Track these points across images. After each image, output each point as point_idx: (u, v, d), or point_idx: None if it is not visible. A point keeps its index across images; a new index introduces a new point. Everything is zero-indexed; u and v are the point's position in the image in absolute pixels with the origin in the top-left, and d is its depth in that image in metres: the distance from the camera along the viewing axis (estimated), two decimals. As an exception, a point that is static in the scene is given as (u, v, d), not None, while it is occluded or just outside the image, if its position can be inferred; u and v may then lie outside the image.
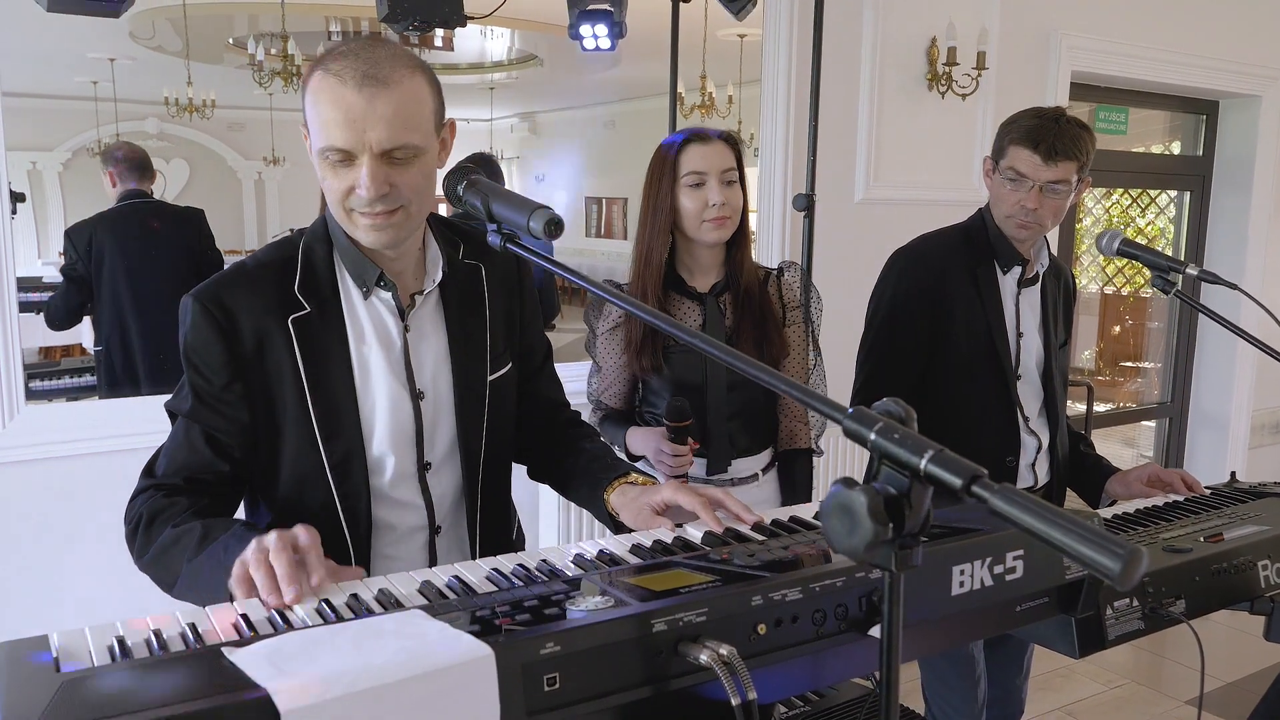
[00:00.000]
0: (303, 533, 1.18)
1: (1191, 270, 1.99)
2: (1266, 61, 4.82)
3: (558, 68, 5.93)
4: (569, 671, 0.92)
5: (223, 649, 0.91)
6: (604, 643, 0.94)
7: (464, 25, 3.15)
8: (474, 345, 1.54)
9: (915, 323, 2.17)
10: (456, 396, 1.52)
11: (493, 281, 1.58)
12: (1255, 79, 4.81)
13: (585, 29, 3.13)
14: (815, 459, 2.29)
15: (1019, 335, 2.21)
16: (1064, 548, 0.70)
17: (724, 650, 0.96)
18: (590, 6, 3.26)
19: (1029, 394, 2.24)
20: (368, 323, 1.46)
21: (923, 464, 0.79)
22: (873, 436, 0.83)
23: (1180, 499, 2.06)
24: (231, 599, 1.17)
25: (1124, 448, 6.31)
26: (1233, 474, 2.22)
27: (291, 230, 1.55)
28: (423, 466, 1.50)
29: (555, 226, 1.23)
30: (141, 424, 2.76)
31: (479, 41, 5.52)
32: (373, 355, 1.46)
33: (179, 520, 1.33)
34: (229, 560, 1.19)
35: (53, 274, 4.01)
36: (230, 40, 5.78)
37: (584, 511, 3.27)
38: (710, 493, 1.40)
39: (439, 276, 1.50)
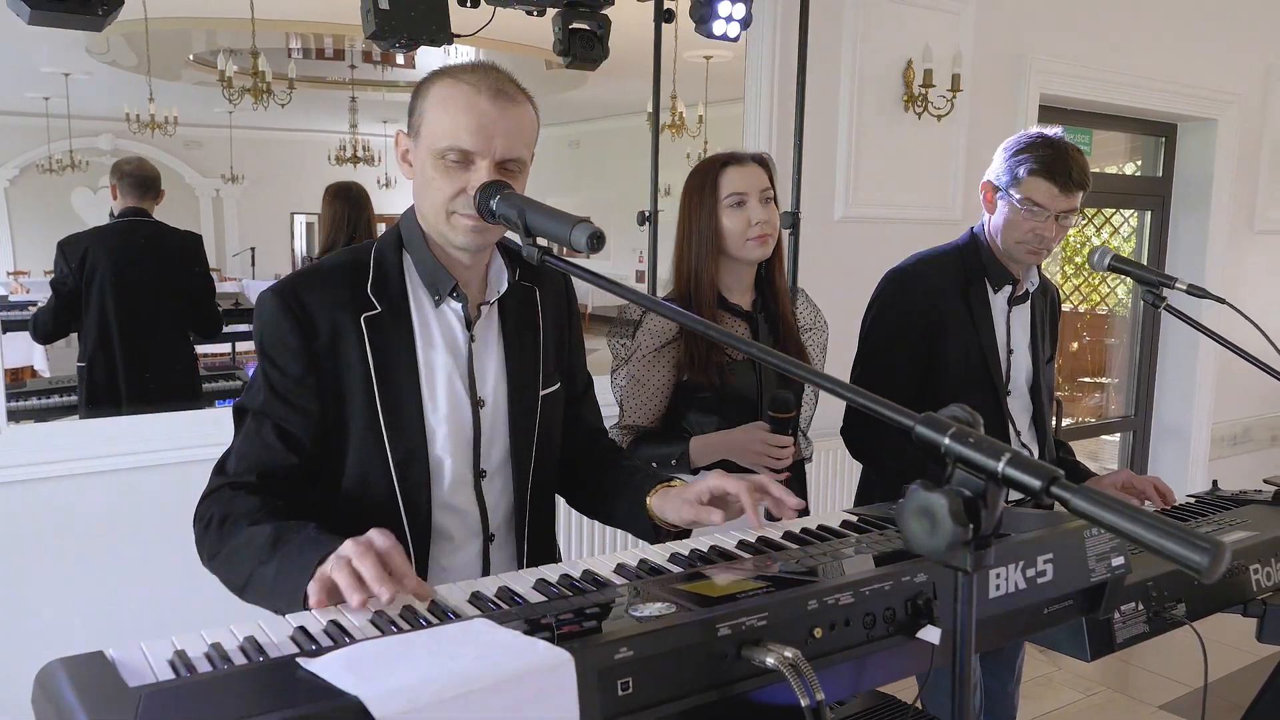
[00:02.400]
0: (379, 536, 1.19)
1: (1181, 285, 2.05)
2: (1222, 87, 4.97)
3: (526, 86, 5.90)
4: (641, 676, 0.94)
5: (297, 660, 0.91)
6: (673, 647, 0.96)
7: (450, 43, 3.15)
8: (528, 360, 1.59)
9: (911, 340, 2.21)
10: (511, 407, 1.56)
11: (546, 305, 1.64)
12: (1211, 103, 4.96)
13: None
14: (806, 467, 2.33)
15: (1009, 352, 2.26)
16: (1150, 544, 0.73)
17: (789, 653, 0.98)
18: (575, 25, 3.28)
19: (1019, 409, 2.29)
20: (436, 329, 1.51)
21: (1001, 467, 0.82)
22: (947, 441, 0.86)
23: (1165, 507, 2.13)
24: (306, 604, 1.17)
25: (1088, 460, 6.43)
26: (1214, 482, 2.28)
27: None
28: (478, 473, 1.54)
29: (598, 240, 1.25)
30: (123, 444, 2.69)
31: (441, 59, 5.49)
32: (439, 360, 1.51)
33: (254, 519, 1.34)
34: (305, 564, 1.20)
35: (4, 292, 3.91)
36: (190, 57, 5.70)
37: (585, 537, 3.31)
38: (754, 479, 1.42)
39: (504, 288, 1.56)
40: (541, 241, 1.31)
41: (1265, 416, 5.56)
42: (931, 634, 1.13)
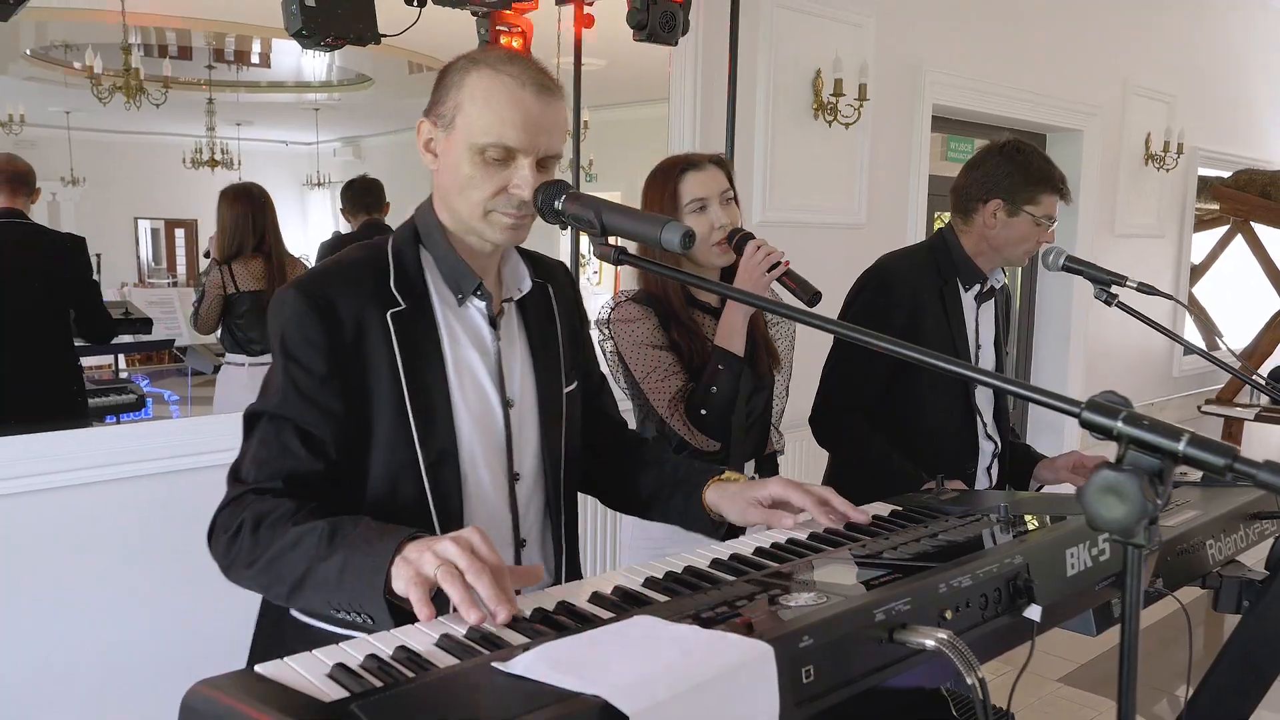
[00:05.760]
0: (481, 542, 1.14)
1: (1132, 284, 2.21)
2: (1086, 100, 5.36)
3: (389, 89, 5.81)
4: (820, 663, 0.96)
5: (491, 664, 0.90)
6: (844, 633, 0.99)
7: (378, 42, 3.09)
8: (551, 358, 1.56)
9: (892, 334, 2.28)
10: (540, 407, 1.53)
11: (560, 301, 1.61)
12: (1078, 115, 5.34)
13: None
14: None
15: (977, 347, 2.38)
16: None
17: (942, 634, 1.03)
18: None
19: (984, 402, 2.41)
20: (460, 327, 1.47)
21: (1182, 447, 0.88)
22: (1120, 425, 0.91)
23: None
24: (387, 601, 1.14)
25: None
26: None
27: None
28: (512, 477, 1.50)
29: (690, 239, 1.26)
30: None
31: (296, 58, 5.28)
32: (468, 358, 1.46)
33: (297, 520, 1.26)
34: (380, 553, 1.15)
35: None
36: (27, 51, 5.37)
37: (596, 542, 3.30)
38: (818, 491, 1.45)
39: (527, 286, 1.53)
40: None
41: (1125, 407, 5.99)
42: (1034, 612, 1.20)
